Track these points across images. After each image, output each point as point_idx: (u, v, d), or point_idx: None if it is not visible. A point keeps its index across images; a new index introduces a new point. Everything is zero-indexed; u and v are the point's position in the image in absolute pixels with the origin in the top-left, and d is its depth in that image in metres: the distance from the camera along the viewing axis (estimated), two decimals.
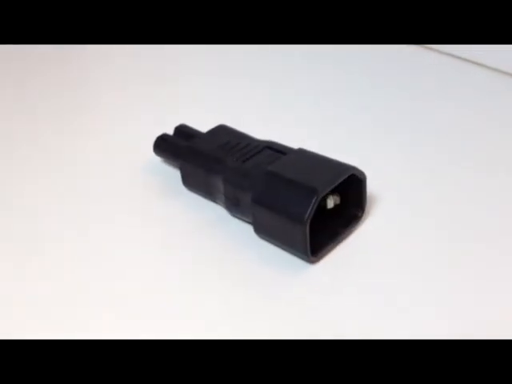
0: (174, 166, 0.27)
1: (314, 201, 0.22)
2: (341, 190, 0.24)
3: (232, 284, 0.23)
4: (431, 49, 0.34)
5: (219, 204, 0.25)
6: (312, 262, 0.23)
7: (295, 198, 0.22)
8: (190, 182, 0.26)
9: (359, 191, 0.24)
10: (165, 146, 0.27)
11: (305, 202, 0.22)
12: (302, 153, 0.24)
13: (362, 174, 0.24)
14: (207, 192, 0.25)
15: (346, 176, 0.23)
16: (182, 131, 0.27)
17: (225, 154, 0.25)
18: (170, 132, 0.28)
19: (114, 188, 0.27)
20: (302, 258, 0.23)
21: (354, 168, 0.23)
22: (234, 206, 0.24)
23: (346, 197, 0.24)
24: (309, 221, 0.22)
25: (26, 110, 0.32)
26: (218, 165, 0.25)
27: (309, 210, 0.22)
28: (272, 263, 0.23)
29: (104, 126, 0.31)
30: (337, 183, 0.23)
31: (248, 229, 0.24)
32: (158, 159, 0.28)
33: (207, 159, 0.25)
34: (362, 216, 0.24)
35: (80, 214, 0.26)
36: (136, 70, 0.35)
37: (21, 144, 0.30)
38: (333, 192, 0.23)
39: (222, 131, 0.26)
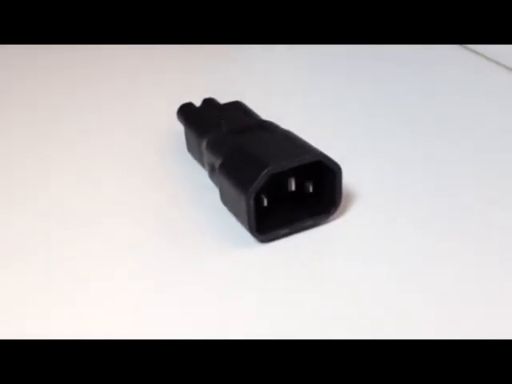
0: None
1: (262, 174, 0.21)
2: (317, 180, 0.23)
3: (172, 243, 0.23)
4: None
5: (205, 169, 0.26)
6: (261, 240, 0.23)
7: (248, 171, 0.22)
8: (189, 146, 0.27)
9: (334, 184, 0.23)
10: (183, 112, 0.28)
11: (254, 175, 0.22)
12: (284, 133, 0.24)
13: (337, 165, 0.23)
14: (199, 158, 0.26)
15: (308, 161, 0.22)
16: (207, 102, 0.28)
17: (219, 123, 0.25)
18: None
19: (131, 147, 0.29)
20: (252, 234, 0.23)
21: (323, 156, 0.22)
22: (212, 173, 0.24)
23: (322, 188, 0.23)
24: (253, 194, 0.21)
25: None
26: (207, 132, 0.25)
27: (255, 183, 0.21)
28: (222, 234, 0.23)
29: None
30: (294, 165, 0.22)
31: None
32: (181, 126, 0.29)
33: (201, 125, 0.26)
34: (334, 211, 0.23)
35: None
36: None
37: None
38: (302, 177, 0.23)
39: (235, 105, 0.27)
